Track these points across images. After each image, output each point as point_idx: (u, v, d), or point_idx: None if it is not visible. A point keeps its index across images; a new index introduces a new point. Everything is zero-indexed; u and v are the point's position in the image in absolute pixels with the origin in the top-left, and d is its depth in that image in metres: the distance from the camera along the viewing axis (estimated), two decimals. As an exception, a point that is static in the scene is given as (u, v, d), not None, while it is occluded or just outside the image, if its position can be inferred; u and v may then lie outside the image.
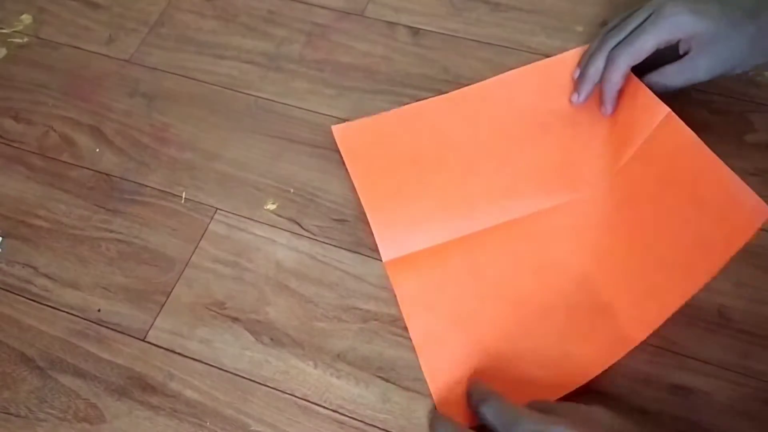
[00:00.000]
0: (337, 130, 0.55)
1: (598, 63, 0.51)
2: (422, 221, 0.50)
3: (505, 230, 0.49)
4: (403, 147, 0.53)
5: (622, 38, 0.50)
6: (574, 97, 0.53)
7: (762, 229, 0.49)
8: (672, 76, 0.50)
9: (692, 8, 0.47)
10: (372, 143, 0.54)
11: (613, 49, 0.50)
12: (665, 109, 0.48)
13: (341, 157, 0.54)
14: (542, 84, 0.55)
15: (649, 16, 0.48)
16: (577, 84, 0.53)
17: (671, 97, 0.55)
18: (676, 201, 0.46)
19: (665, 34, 0.48)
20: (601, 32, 0.53)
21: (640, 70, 0.50)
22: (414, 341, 0.46)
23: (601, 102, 0.51)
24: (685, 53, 0.49)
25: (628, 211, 0.48)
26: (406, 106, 0.55)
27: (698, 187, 0.45)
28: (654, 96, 0.49)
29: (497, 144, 0.53)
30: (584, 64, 0.52)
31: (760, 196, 0.50)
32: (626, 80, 0.50)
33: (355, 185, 0.52)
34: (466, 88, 0.56)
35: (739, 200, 0.43)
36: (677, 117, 0.47)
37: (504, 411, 0.39)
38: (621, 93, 0.51)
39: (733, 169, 0.51)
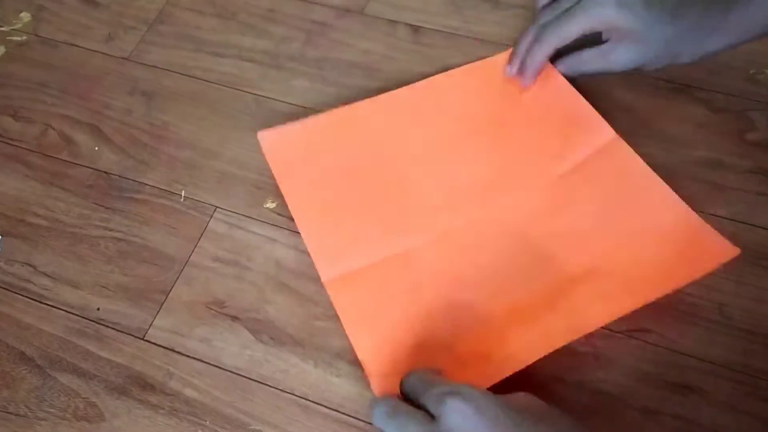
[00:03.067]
0: (263, 137, 0.53)
1: (528, 38, 0.53)
2: (358, 239, 0.48)
3: (441, 243, 0.48)
4: (334, 156, 0.52)
5: (552, 18, 0.51)
6: (507, 69, 0.54)
7: (762, 228, 0.49)
8: (588, 61, 0.52)
9: (619, 1, 0.48)
10: (301, 153, 0.52)
11: (541, 26, 0.52)
12: (611, 133, 0.50)
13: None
14: (472, 87, 0.55)
15: (580, 0, 0.50)
16: (510, 57, 0.54)
17: (671, 95, 0.55)
18: (622, 220, 0.47)
19: (591, 22, 0.50)
20: (537, 8, 0.55)
21: (561, 50, 0.52)
22: (360, 358, 0.44)
23: (520, 73, 0.53)
24: (606, 41, 0.51)
25: (568, 219, 0.48)
26: (336, 110, 0.54)
27: (649, 213, 0.47)
28: (599, 116, 0.51)
29: (430, 151, 0.52)
30: (518, 40, 0.54)
31: (760, 194, 0.50)
32: (567, 94, 0.52)
33: (287, 201, 0.50)
34: (395, 90, 0.55)
35: (697, 236, 0.45)
36: (624, 143, 0.49)
37: (419, 378, 0.39)
38: (557, 96, 0.52)
39: (733, 167, 0.52)
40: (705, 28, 0.47)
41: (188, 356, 0.47)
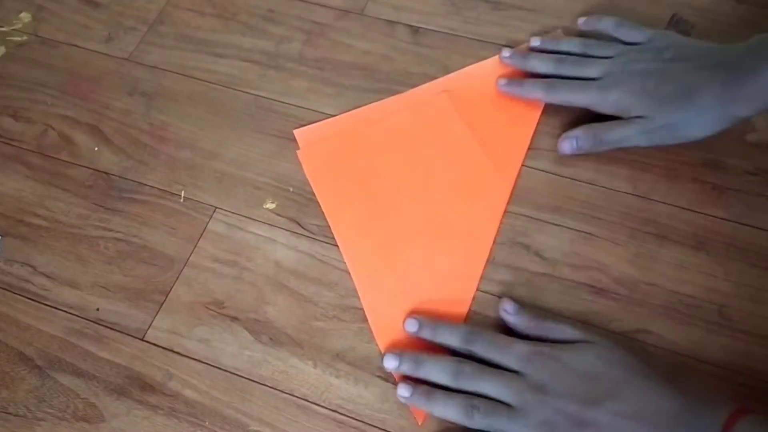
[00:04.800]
0: (299, 134, 0.56)
1: (539, 85, 0.54)
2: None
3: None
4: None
5: (570, 75, 0.53)
6: (502, 82, 0.55)
7: (762, 229, 0.49)
8: (605, 133, 0.51)
9: (634, 90, 0.49)
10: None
11: (558, 80, 0.53)
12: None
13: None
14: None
15: (599, 78, 0.51)
16: (511, 78, 0.56)
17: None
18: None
19: (598, 103, 0.51)
20: (558, 44, 0.56)
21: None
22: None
23: (509, 83, 0.55)
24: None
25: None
26: (364, 109, 0.57)
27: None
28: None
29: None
30: (529, 63, 0.55)
31: (760, 195, 0.50)
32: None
33: (323, 209, 0.52)
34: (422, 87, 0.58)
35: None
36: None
37: (482, 337, 0.44)
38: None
39: (733, 168, 0.52)
40: (715, 109, 0.47)
41: (187, 357, 0.47)
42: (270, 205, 0.53)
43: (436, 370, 0.43)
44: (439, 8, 0.62)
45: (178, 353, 0.47)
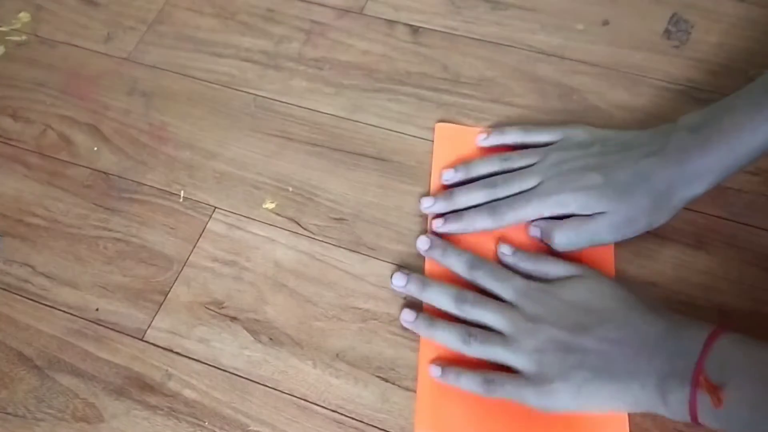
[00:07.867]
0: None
1: (483, 213, 0.48)
2: None
3: None
4: None
5: (506, 195, 0.48)
6: (437, 223, 0.49)
7: (762, 229, 0.49)
8: (569, 234, 0.47)
9: (574, 186, 0.46)
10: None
11: (498, 201, 0.48)
12: None
13: (342, 156, 0.54)
14: None
15: (537, 185, 0.47)
16: (446, 215, 0.50)
17: (671, 95, 0.55)
18: None
19: (549, 210, 0.47)
20: (483, 163, 0.51)
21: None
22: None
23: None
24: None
25: None
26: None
27: None
28: None
29: None
30: (461, 199, 0.50)
31: (761, 195, 0.50)
32: None
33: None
34: None
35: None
36: None
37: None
38: None
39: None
40: (672, 194, 0.45)
41: (187, 357, 0.47)
42: (269, 205, 0.53)
43: (440, 295, 0.46)
44: (439, 8, 0.62)
45: (177, 353, 0.47)
